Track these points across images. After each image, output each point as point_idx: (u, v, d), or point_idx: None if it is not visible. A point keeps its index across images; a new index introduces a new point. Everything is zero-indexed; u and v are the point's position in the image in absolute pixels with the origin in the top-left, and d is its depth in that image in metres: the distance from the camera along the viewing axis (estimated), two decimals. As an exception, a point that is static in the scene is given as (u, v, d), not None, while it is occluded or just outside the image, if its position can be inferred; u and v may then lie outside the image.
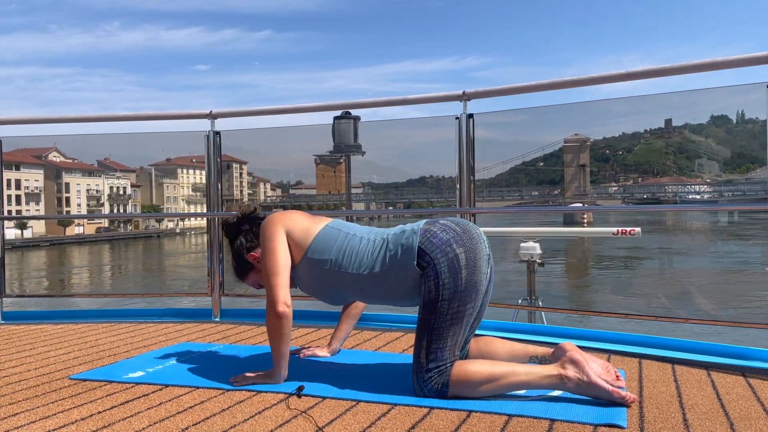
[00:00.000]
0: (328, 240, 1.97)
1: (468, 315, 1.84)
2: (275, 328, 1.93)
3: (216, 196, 3.41)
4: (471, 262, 1.83)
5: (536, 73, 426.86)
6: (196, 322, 3.23)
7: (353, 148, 6.17)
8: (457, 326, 1.82)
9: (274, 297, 1.92)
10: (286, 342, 1.96)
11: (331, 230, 2.00)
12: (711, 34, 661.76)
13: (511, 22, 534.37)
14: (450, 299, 1.80)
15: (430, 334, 1.81)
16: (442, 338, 1.80)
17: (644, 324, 6.18)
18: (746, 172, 71.14)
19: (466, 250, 1.84)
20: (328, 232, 1.99)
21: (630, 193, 70.33)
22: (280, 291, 1.93)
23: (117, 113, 4.04)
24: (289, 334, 1.95)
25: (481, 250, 1.86)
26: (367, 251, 1.93)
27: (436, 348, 1.80)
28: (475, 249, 1.85)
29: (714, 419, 1.63)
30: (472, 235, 1.88)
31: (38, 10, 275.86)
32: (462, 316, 1.82)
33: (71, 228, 69.40)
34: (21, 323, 3.30)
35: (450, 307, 1.80)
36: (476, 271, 1.83)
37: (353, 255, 1.94)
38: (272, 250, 1.96)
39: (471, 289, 1.82)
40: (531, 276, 4.25)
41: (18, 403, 1.84)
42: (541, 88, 2.82)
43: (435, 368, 1.80)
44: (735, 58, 2.31)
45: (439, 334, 1.80)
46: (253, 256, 2.14)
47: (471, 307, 1.84)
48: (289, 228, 2.00)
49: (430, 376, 1.80)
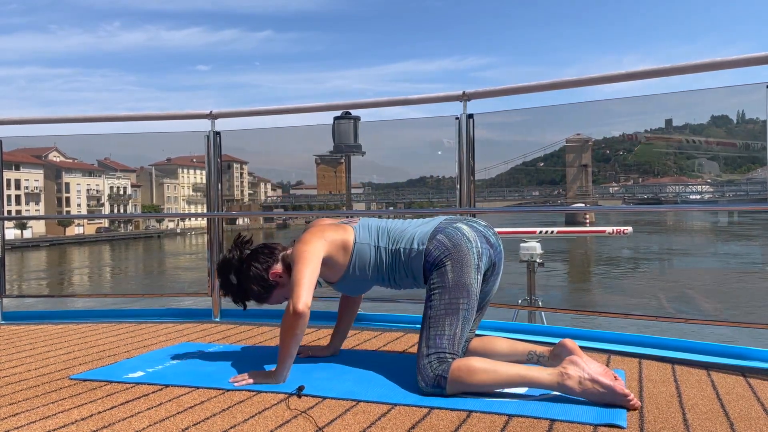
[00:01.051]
0: (363, 258, 2.12)
1: (463, 309, 1.92)
2: (291, 326, 1.94)
3: (216, 197, 3.41)
4: (457, 269, 1.97)
5: (536, 73, 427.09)
6: (196, 322, 3.23)
7: (353, 148, 6.16)
8: (453, 316, 1.91)
9: (298, 295, 1.94)
10: (297, 343, 1.98)
11: (362, 247, 2.13)
12: (711, 34, 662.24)
13: (511, 22, 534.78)
14: (441, 292, 1.95)
15: (428, 324, 1.93)
16: (439, 326, 1.90)
17: (644, 324, 6.18)
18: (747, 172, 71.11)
19: (453, 261, 1.99)
20: (360, 250, 2.12)
21: (632, 193, 70.25)
22: (304, 292, 1.95)
23: (117, 113, 4.04)
24: (301, 335, 1.98)
25: (469, 260, 1.98)
26: (387, 261, 2.12)
27: (434, 335, 1.90)
28: (462, 260, 1.98)
29: (714, 419, 1.63)
30: (461, 249, 2.00)
31: (39, 10, 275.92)
32: (456, 309, 1.91)
33: (71, 228, 69.35)
34: (21, 323, 3.30)
35: (442, 298, 1.93)
36: (463, 275, 1.96)
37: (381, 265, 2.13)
38: (307, 259, 2.02)
39: (461, 287, 1.95)
40: (531, 276, 4.25)
41: (18, 403, 1.84)
42: (542, 88, 2.82)
43: (434, 354, 1.86)
44: (735, 58, 2.31)
45: (435, 321, 1.92)
46: (275, 273, 2.16)
47: (464, 302, 1.93)
48: (328, 249, 2.09)
49: (429, 362, 1.85)
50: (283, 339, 1.97)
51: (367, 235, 2.14)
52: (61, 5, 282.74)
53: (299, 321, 1.93)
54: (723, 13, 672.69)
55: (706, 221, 41.16)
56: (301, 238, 2.10)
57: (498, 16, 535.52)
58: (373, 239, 2.13)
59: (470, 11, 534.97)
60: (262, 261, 2.17)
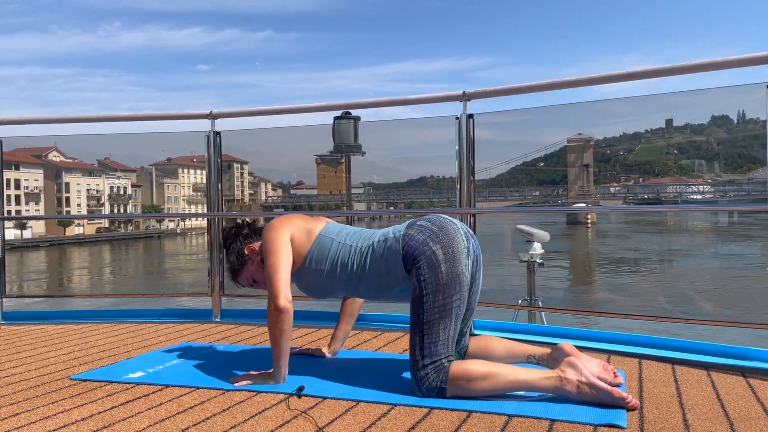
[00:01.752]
0: (322, 249, 2.06)
1: (456, 307, 1.87)
2: (276, 322, 1.94)
3: (216, 197, 3.42)
4: (449, 256, 1.88)
5: (537, 73, 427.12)
6: (196, 322, 3.23)
7: (353, 148, 6.15)
8: (446, 319, 1.85)
9: (276, 291, 1.94)
10: (287, 338, 1.97)
11: (324, 239, 2.08)
12: (711, 34, 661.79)
13: (511, 22, 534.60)
14: (434, 292, 1.85)
15: (422, 330, 1.85)
16: (434, 332, 1.84)
17: (644, 324, 6.18)
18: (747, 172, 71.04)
19: (443, 245, 1.90)
20: (322, 242, 2.07)
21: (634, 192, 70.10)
22: (282, 286, 1.96)
23: (117, 113, 4.04)
24: (289, 331, 1.97)
25: (458, 244, 1.92)
26: (356, 259, 2.02)
27: (429, 342, 1.83)
28: (452, 243, 1.91)
29: (714, 419, 1.63)
30: (448, 231, 1.94)
31: (39, 11, 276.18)
32: (450, 309, 1.86)
33: (71, 228, 69.24)
34: (21, 323, 3.30)
35: (436, 300, 1.85)
36: (456, 264, 1.88)
37: (345, 264, 2.03)
38: (276, 249, 2.01)
39: (454, 281, 1.87)
40: (531, 276, 4.25)
41: (18, 404, 1.84)
42: (542, 88, 2.82)
43: (431, 364, 1.81)
44: (735, 58, 2.31)
45: (429, 328, 1.84)
46: (251, 248, 2.17)
47: (458, 299, 1.88)
48: (292, 233, 2.07)
49: (426, 373, 1.81)
50: (272, 337, 1.97)
51: (336, 231, 2.10)
52: (61, 5, 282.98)
53: (283, 316, 1.93)
54: (723, 13, 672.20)
55: (707, 221, 41.14)
56: (270, 223, 2.10)
57: (498, 16, 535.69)
58: (342, 237, 2.08)
59: (470, 11, 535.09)
60: (246, 236, 2.21)
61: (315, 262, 2.06)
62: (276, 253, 2.00)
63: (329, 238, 2.08)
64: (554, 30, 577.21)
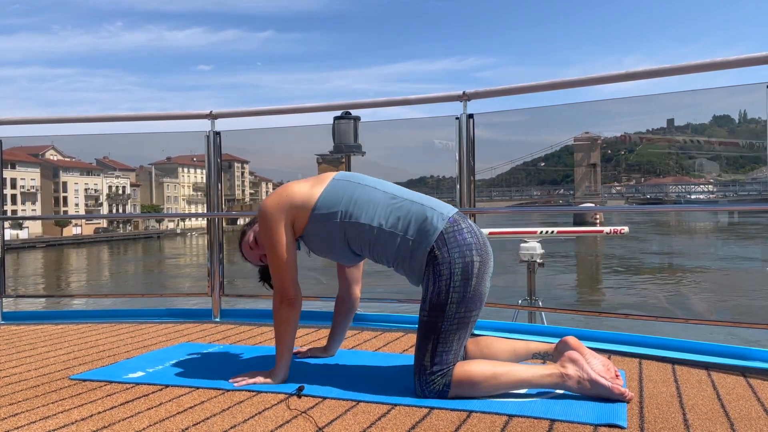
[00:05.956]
0: (336, 193, 1.92)
1: (472, 321, 1.86)
2: (284, 318, 1.94)
3: (216, 197, 3.42)
4: (481, 273, 1.84)
5: (537, 74, 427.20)
6: (196, 322, 3.23)
7: (353, 148, 6.15)
8: (462, 331, 1.83)
9: (282, 286, 1.94)
10: (293, 334, 1.97)
11: (339, 182, 1.96)
12: (712, 34, 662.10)
13: (512, 22, 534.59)
14: (458, 303, 1.80)
15: (437, 338, 1.80)
16: (449, 342, 1.80)
17: (644, 324, 6.17)
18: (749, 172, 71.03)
19: (482, 260, 1.85)
20: (336, 186, 1.94)
21: (642, 192, 69.89)
22: (290, 284, 1.95)
23: (117, 113, 4.05)
24: (295, 326, 1.97)
25: (490, 267, 1.88)
26: (385, 206, 1.88)
27: (441, 351, 1.80)
28: (487, 263, 1.87)
29: (714, 419, 1.63)
30: (488, 250, 1.90)
31: (41, 11, 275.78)
32: (467, 322, 1.83)
33: (68, 228, 69.03)
34: (21, 323, 3.30)
35: (458, 311, 1.80)
36: (483, 282, 1.85)
37: (368, 204, 1.89)
38: (276, 243, 1.94)
39: (477, 298, 1.83)
40: (531, 276, 4.25)
41: (18, 404, 1.84)
42: (542, 88, 2.82)
43: (439, 371, 1.80)
44: (735, 58, 2.31)
45: (446, 338, 1.80)
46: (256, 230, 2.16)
47: (475, 315, 1.86)
48: (287, 206, 1.94)
49: (433, 379, 1.80)
50: (278, 332, 1.97)
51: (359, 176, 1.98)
52: (63, 6, 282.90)
53: (291, 311, 1.93)
54: (724, 13, 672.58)
55: (708, 221, 41.12)
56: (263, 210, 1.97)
57: (498, 16, 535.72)
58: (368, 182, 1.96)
59: (471, 11, 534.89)
60: (253, 221, 2.21)
61: (324, 208, 1.90)
62: (277, 248, 1.94)
63: (345, 181, 1.95)
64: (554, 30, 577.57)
